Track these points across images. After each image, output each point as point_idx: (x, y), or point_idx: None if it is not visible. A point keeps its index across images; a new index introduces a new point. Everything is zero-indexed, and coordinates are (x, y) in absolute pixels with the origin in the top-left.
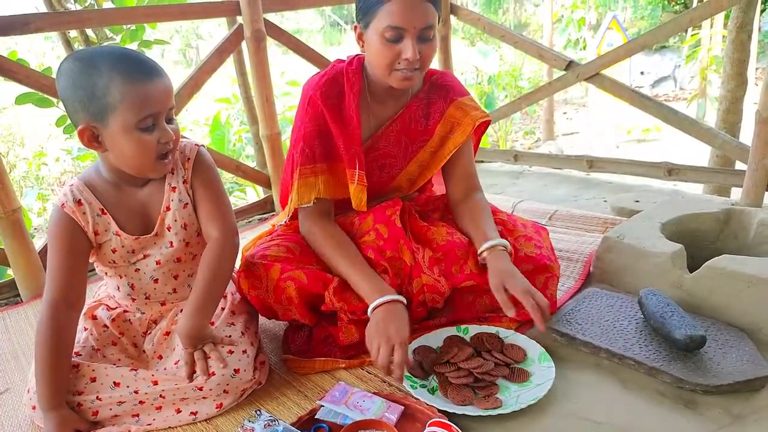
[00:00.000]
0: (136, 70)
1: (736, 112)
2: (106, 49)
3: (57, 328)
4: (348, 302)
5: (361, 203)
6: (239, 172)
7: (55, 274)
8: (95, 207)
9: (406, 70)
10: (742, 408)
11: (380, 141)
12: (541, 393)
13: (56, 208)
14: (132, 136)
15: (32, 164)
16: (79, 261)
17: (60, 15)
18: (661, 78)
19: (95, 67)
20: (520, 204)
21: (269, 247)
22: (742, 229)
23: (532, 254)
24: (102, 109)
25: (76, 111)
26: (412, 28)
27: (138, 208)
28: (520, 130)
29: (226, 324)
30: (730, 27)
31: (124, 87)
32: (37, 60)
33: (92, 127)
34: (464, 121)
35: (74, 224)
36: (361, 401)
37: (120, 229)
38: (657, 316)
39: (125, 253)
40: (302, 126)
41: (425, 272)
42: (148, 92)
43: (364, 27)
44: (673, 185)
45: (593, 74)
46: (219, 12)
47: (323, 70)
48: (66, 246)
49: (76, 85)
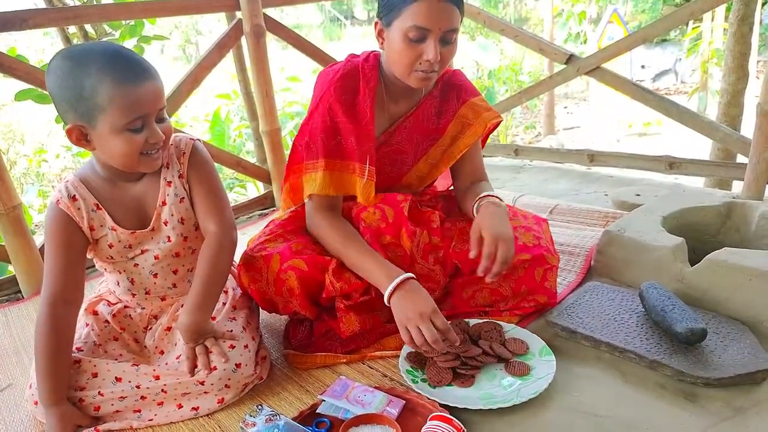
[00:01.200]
0: (126, 72)
1: (738, 105)
2: (98, 48)
3: (56, 325)
4: (347, 282)
5: (369, 197)
6: (239, 167)
7: (52, 271)
8: (90, 202)
9: (425, 71)
10: (743, 401)
11: (393, 137)
12: (542, 386)
13: (51, 205)
14: (121, 136)
15: (32, 161)
16: (76, 257)
17: (58, 11)
18: (662, 71)
19: (84, 67)
20: (521, 198)
21: (268, 240)
22: (743, 222)
23: (530, 244)
24: (90, 110)
25: (64, 110)
26: (437, 30)
27: (133, 203)
28: (521, 125)
29: (228, 319)
30: (731, 20)
31: (113, 90)
32: (36, 56)
33: (80, 126)
34: (475, 122)
35: (69, 220)
36: (363, 396)
37: (116, 224)
38: (658, 310)
39: (122, 248)
40: (311, 120)
41: (418, 262)
42: (138, 95)
43: (386, 24)
44: (674, 179)
45: (594, 68)
46: (218, 7)
47: (338, 64)
48: (62, 242)
49: (64, 85)
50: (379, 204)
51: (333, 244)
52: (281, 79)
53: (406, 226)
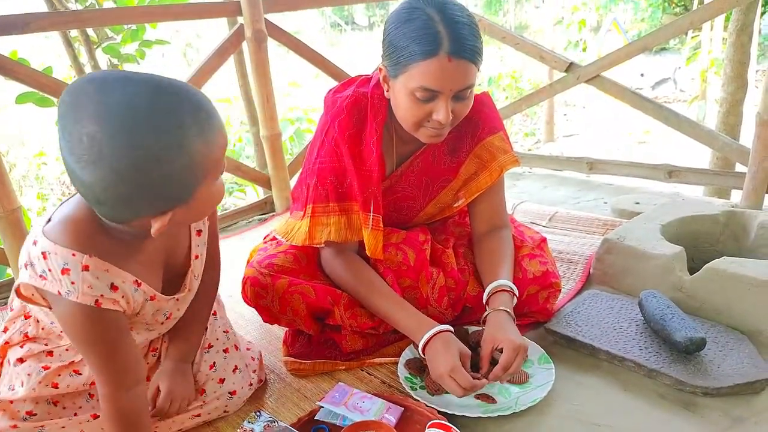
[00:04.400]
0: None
1: (737, 114)
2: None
3: (131, 414)
4: (357, 318)
5: (377, 250)
6: (239, 172)
7: (115, 371)
8: (129, 282)
9: (435, 129)
10: (742, 410)
11: (400, 182)
12: (540, 395)
13: (84, 308)
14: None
15: (32, 164)
16: (129, 340)
17: (60, 15)
18: (661, 80)
19: (178, 144)
20: (520, 205)
21: (276, 255)
22: (742, 231)
23: (538, 273)
24: (190, 186)
25: (139, 203)
26: (449, 90)
27: (158, 260)
28: (520, 132)
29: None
30: (730, 29)
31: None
32: (38, 60)
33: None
34: (491, 166)
35: (117, 314)
36: (361, 402)
37: (156, 293)
38: (657, 318)
39: (150, 315)
40: (318, 158)
41: (431, 305)
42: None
43: (392, 75)
44: (673, 187)
45: (594, 76)
46: (220, 12)
47: (346, 90)
48: (115, 338)
49: (157, 172)
50: (401, 245)
51: (355, 289)
52: (282, 84)
53: (426, 270)
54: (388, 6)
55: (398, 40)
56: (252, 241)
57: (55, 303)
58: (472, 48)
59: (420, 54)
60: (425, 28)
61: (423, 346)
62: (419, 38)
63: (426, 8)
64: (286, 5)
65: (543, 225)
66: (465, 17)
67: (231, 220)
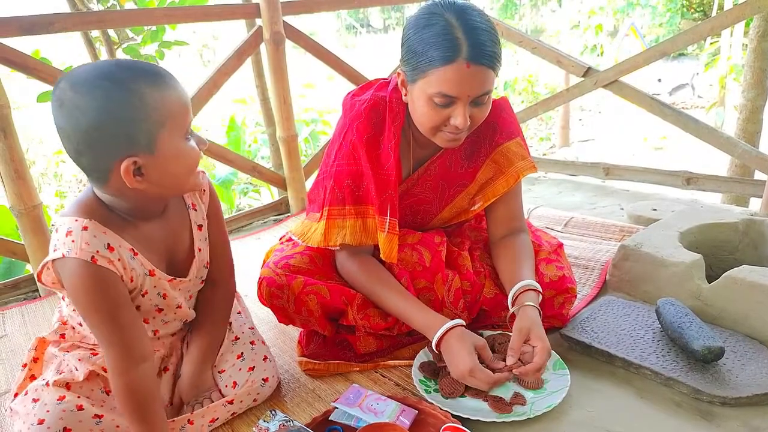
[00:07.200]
0: (167, 80)
1: (756, 121)
2: (134, 65)
3: (139, 391)
4: (369, 319)
5: (392, 254)
6: (255, 172)
7: (117, 343)
8: (125, 248)
9: (453, 133)
10: (760, 421)
11: (416, 186)
12: (555, 401)
13: (84, 265)
14: (182, 147)
15: (50, 161)
16: (133, 312)
17: (83, 15)
18: (679, 86)
19: (129, 90)
20: (535, 210)
21: (292, 255)
22: (761, 239)
23: (554, 278)
24: (148, 133)
25: (106, 145)
26: (466, 96)
27: (163, 247)
28: (535, 136)
29: (248, 341)
30: (751, 36)
31: (165, 100)
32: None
33: (134, 159)
34: (508, 171)
35: (115, 277)
36: (375, 404)
37: (153, 268)
38: (675, 326)
39: (155, 296)
40: (336, 160)
41: (447, 307)
42: (185, 98)
43: (410, 80)
44: (690, 194)
45: (612, 81)
46: (240, 14)
47: (365, 93)
48: (116, 304)
49: (114, 115)
50: (417, 245)
51: (369, 288)
52: (297, 85)
53: (442, 272)
54: (404, 9)
55: (417, 46)
56: (267, 242)
57: (62, 272)
58: (490, 54)
59: (439, 60)
60: (444, 34)
61: (437, 342)
62: (438, 44)
63: (445, 14)
64: (304, 7)
65: (558, 230)
66: (484, 23)
67: (247, 221)
